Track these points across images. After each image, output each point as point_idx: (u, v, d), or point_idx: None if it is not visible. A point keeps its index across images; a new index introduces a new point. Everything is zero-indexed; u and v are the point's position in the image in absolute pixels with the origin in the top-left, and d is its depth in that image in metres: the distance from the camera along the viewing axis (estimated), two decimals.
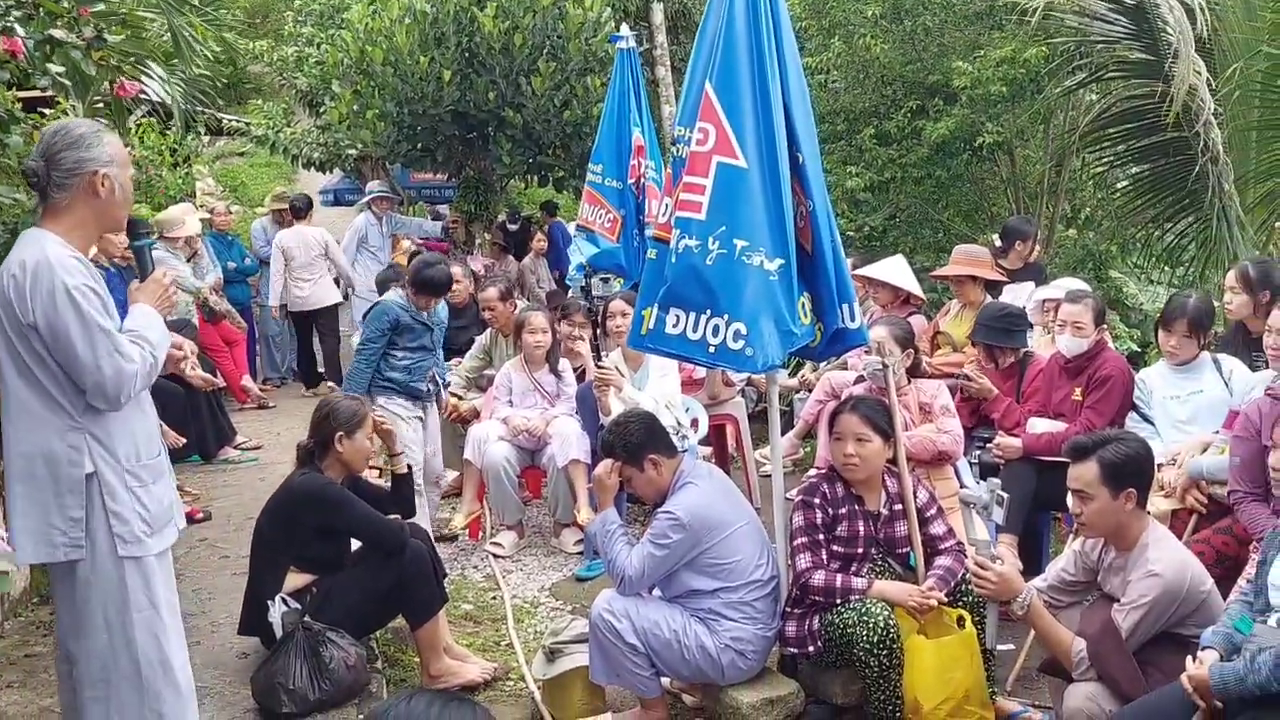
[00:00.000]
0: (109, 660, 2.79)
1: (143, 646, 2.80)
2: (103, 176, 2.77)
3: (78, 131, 2.79)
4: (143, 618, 2.80)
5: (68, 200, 2.77)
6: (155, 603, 2.83)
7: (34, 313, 2.62)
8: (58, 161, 2.75)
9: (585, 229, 7.02)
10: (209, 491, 6.47)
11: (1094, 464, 3.15)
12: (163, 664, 2.85)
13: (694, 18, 14.66)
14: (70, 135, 2.77)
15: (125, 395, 2.72)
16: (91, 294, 2.67)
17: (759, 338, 3.49)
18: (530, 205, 14.62)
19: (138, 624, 2.79)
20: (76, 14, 4.47)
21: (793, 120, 3.64)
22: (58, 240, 2.72)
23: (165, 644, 2.85)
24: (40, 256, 2.65)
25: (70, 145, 2.75)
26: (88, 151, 2.75)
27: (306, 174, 13.85)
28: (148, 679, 2.82)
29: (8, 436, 2.77)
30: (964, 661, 3.48)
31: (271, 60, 13.32)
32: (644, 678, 3.60)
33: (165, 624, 2.86)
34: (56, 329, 2.63)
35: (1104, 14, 7.23)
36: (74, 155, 2.74)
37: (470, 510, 5.86)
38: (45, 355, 2.66)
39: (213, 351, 8.24)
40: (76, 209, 2.78)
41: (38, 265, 2.64)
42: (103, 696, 2.80)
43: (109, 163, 2.78)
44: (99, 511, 2.72)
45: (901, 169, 9.28)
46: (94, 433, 2.72)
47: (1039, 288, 6.08)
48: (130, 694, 2.81)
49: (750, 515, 3.80)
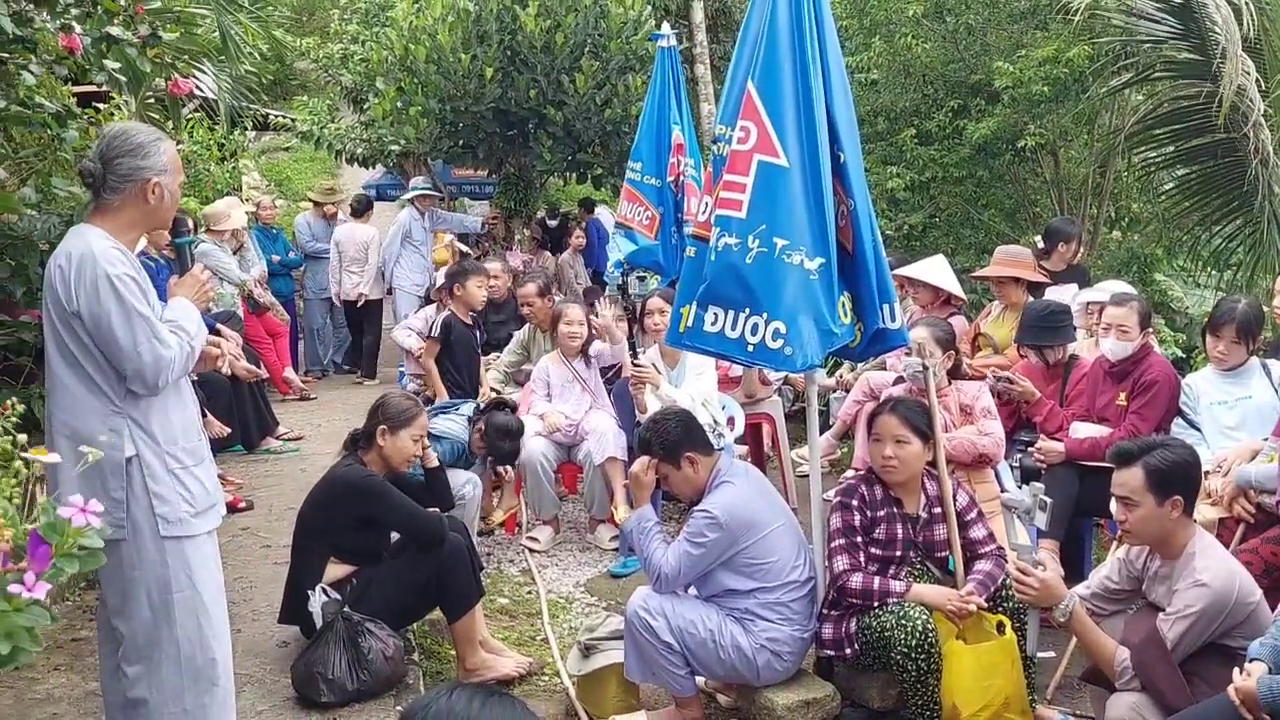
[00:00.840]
0: (152, 638, 2.84)
1: (184, 626, 2.86)
2: (154, 184, 2.85)
3: (137, 139, 2.86)
4: (183, 598, 2.85)
5: (119, 202, 2.86)
6: (196, 584, 2.87)
7: (78, 300, 2.71)
8: (114, 166, 2.83)
9: (624, 226, 7.02)
10: (251, 481, 6.54)
11: (1139, 470, 3.10)
12: (202, 644, 2.89)
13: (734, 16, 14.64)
14: (130, 142, 2.85)
15: (163, 380, 2.79)
16: (132, 283, 2.75)
17: (798, 337, 3.48)
18: (569, 202, 14.66)
19: (178, 604, 2.84)
20: (133, 12, 4.56)
21: (834, 119, 3.62)
22: (103, 234, 2.80)
23: (206, 626, 2.90)
24: (85, 249, 2.74)
25: (128, 152, 2.83)
26: (144, 160, 2.84)
27: (350, 169, 13.97)
28: (188, 658, 2.87)
29: (53, 419, 2.84)
30: (1004, 668, 3.44)
31: (317, 57, 13.47)
32: (679, 676, 3.60)
33: (207, 606, 2.90)
34: (98, 317, 2.71)
35: (1151, 13, 7.12)
36: (130, 162, 2.83)
37: (508, 505, 5.89)
38: (88, 342, 2.75)
39: (256, 343, 8.34)
40: (126, 211, 2.87)
41: (82, 256, 2.73)
42: (145, 673, 2.85)
43: (162, 171, 2.87)
44: (140, 493, 2.78)
45: (943, 169, 9.20)
46: (134, 417, 2.79)
47: (1082, 290, 6.01)
48: (171, 672, 2.86)
49: (787, 515, 3.79)
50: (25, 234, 5.10)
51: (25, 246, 5.08)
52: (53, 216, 5.16)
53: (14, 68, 4.56)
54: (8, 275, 5.15)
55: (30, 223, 5.15)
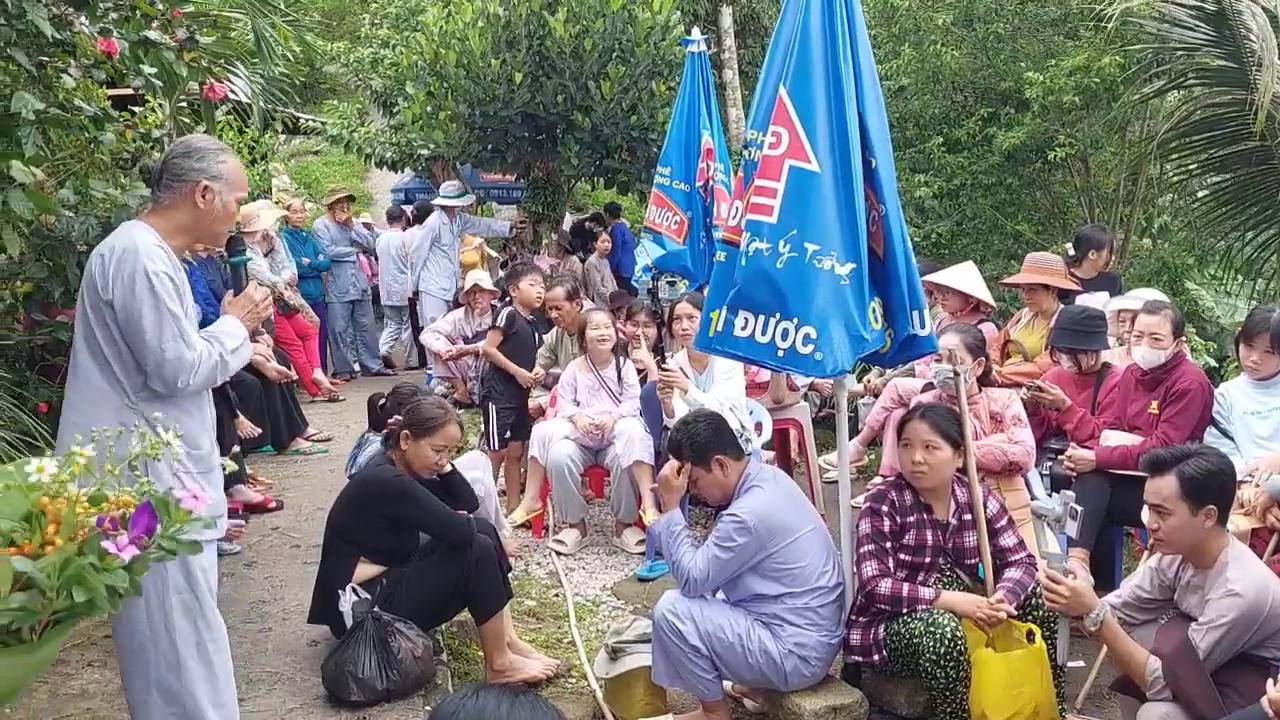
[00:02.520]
0: (147, 635, 2.87)
1: (180, 628, 2.89)
2: (205, 188, 2.91)
3: (198, 145, 2.96)
4: (180, 600, 2.89)
5: (170, 201, 2.92)
6: (194, 586, 2.91)
7: (113, 290, 2.76)
8: (170, 165, 2.92)
9: (652, 231, 7.04)
10: (281, 481, 6.60)
11: (1173, 478, 3.08)
12: (199, 645, 2.92)
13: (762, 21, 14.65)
14: (188, 146, 2.95)
15: (183, 381, 2.81)
16: (169, 281, 2.80)
17: (829, 342, 3.48)
18: (595, 206, 14.70)
19: (176, 606, 2.88)
20: (170, 16, 4.61)
21: (866, 124, 3.63)
22: (151, 231, 2.86)
23: (204, 630, 2.94)
24: (130, 242, 2.80)
25: (185, 154, 2.93)
26: (199, 163, 2.91)
27: (378, 173, 14.07)
28: (184, 658, 2.90)
29: (67, 410, 2.89)
30: (1034, 677, 3.42)
31: (348, 61, 13.57)
32: (706, 680, 3.60)
33: (203, 607, 2.94)
34: (130, 308, 2.76)
35: (1184, 20, 7.07)
36: (185, 163, 2.91)
37: (533, 507, 5.91)
38: (115, 333, 2.79)
39: (286, 345, 8.41)
40: (177, 212, 2.93)
41: (125, 249, 2.78)
42: (142, 669, 2.89)
43: (217, 178, 2.93)
44: None
45: (972, 176, 9.16)
46: (146, 415, 2.80)
47: (1114, 298, 5.97)
48: (167, 671, 2.89)
49: (816, 521, 3.78)
50: (63, 235, 5.17)
51: (63, 247, 5.15)
52: (90, 218, 5.22)
53: (53, 71, 4.63)
54: (45, 276, 5.23)
55: (68, 224, 5.22)
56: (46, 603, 1.73)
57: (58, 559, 1.74)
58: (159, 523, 1.88)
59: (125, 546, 1.80)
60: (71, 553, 1.76)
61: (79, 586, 1.75)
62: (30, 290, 5.29)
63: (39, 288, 5.27)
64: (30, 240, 5.12)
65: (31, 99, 4.20)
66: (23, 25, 4.18)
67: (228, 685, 3.04)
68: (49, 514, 1.80)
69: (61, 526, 1.78)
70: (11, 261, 5.09)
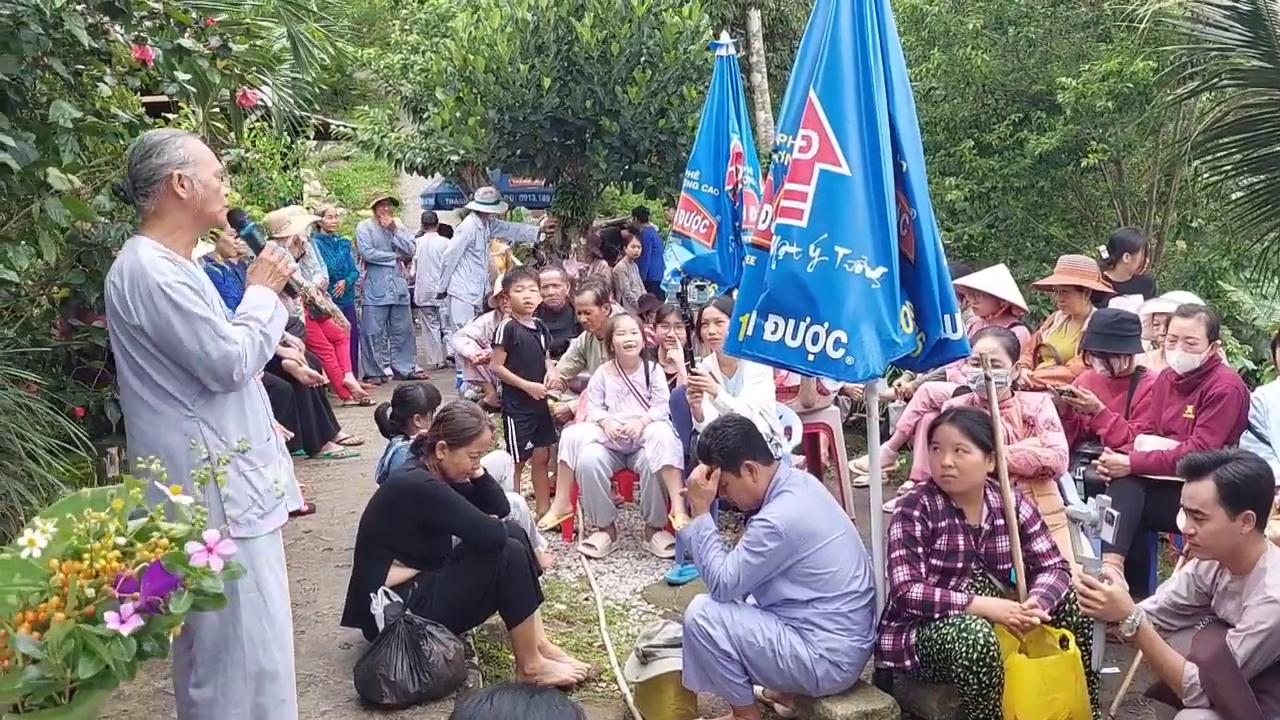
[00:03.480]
0: (218, 639, 2.90)
1: (248, 628, 2.91)
2: (179, 177, 2.86)
3: (150, 141, 2.91)
4: (249, 599, 2.90)
5: (155, 205, 2.89)
6: (261, 586, 2.93)
7: (137, 314, 2.76)
8: (137, 173, 2.88)
9: (681, 235, 7.03)
10: (313, 485, 6.64)
11: (1211, 483, 3.05)
12: (264, 646, 2.94)
13: (791, 24, 14.62)
14: (144, 146, 2.90)
15: (238, 374, 2.83)
16: (184, 288, 2.79)
17: (860, 346, 3.47)
18: (623, 211, 14.72)
19: (244, 606, 2.89)
20: (203, 24, 4.66)
21: (897, 127, 3.61)
22: (151, 243, 2.84)
23: (269, 627, 2.95)
24: (135, 263, 2.78)
25: (145, 155, 2.87)
26: (160, 157, 2.86)
27: (409, 178, 14.16)
28: (251, 658, 2.92)
29: (131, 430, 2.91)
30: (1068, 683, 3.39)
31: (378, 67, 13.67)
32: (737, 685, 3.59)
33: (269, 608, 2.95)
34: (160, 326, 2.75)
35: (1219, 21, 6.99)
36: (149, 164, 2.86)
37: (562, 511, 5.93)
38: (155, 352, 2.79)
39: (318, 349, 8.47)
40: (166, 213, 2.90)
41: (133, 270, 2.77)
42: (210, 674, 2.91)
43: (184, 163, 2.87)
44: (212, 495, 2.81)
45: (1003, 179, 9.09)
46: (207, 420, 2.84)
47: (1148, 301, 5.91)
48: (235, 673, 2.91)
49: (847, 525, 3.77)
50: (100, 241, 5.24)
51: (99, 253, 5.22)
52: (126, 224, 5.29)
53: (89, 79, 4.69)
54: (82, 281, 5.30)
55: (104, 230, 5.29)
56: (59, 673, 1.72)
57: (61, 632, 1.72)
58: (177, 579, 1.84)
59: (130, 617, 1.76)
60: (72, 626, 1.73)
61: (87, 658, 1.73)
62: (67, 296, 5.37)
63: (75, 293, 5.34)
64: (66, 246, 5.19)
65: (69, 107, 4.26)
66: (60, 35, 4.24)
67: (288, 683, 3.06)
68: (62, 580, 1.77)
69: (66, 596, 1.76)
70: (48, 267, 5.15)
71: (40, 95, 4.51)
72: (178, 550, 1.88)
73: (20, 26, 4.14)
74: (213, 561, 1.88)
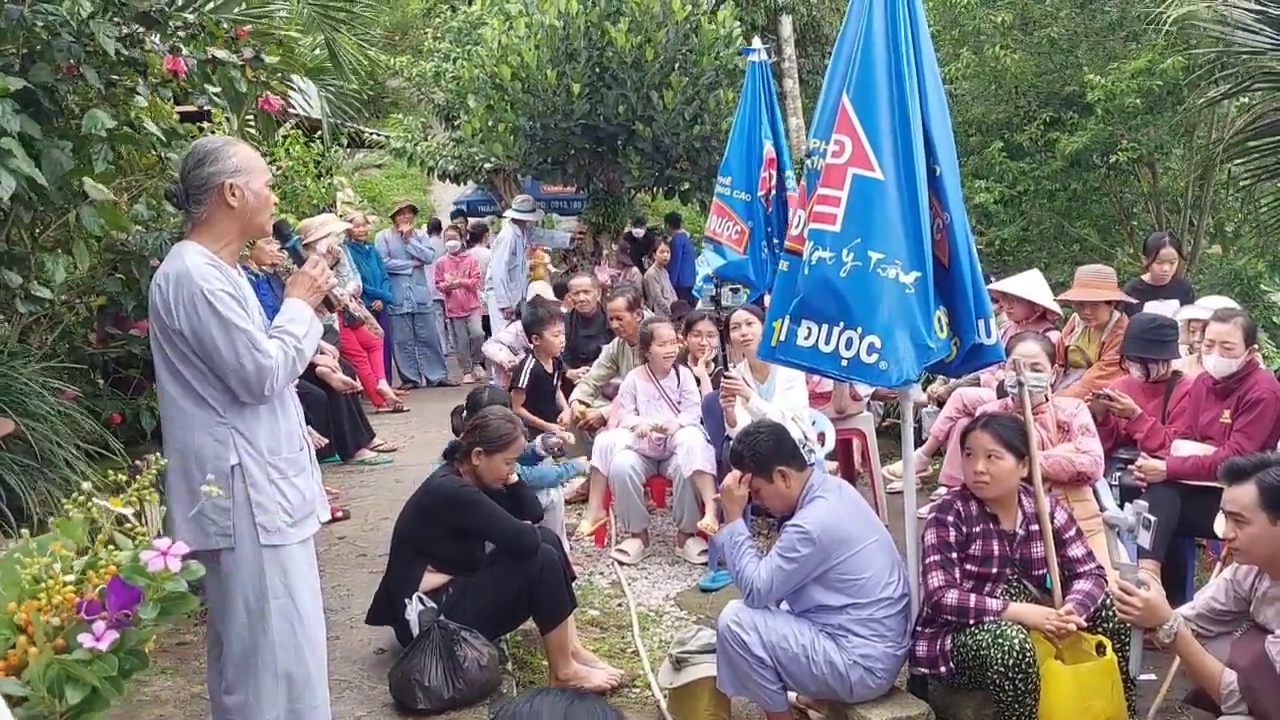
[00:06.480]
0: (249, 645, 2.92)
1: (279, 633, 2.92)
2: (231, 185, 2.89)
3: (205, 149, 2.94)
4: (279, 605, 2.92)
5: (206, 213, 2.92)
6: (292, 592, 2.94)
7: (178, 319, 2.79)
8: (190, 180, 2.91)
9: (713, 240, 7.03)
10: (347, 491, 6.69)
11: (1253, 487, 3.01)
12: (296, 651, 2.96)
13: (822, 29, 14.58)
14: (198, 153, 2.93)
15: (269, 388, 2.85)
16: (227, 297, 2.81)
17: (894, 351, 3.45)
18: (655, 217, 14.74)
19: (274, 611, 2.91)
20: (234, 35, 4.71)
21: (930, 131, 3.59)
22: (199, 249, 2.87)
23: (300, 632, 2.97)
24: (181, 267, 2.81)
25: (198, 163, 2.91)
26: (214, 165, 2.89)
27: (440, 186, 14.24)
28: (282, 665, 2.94)
29: (165, 433, 2.94)
30: (1105, 690, 3.36)
31: (410, 75, 13.78)
32: (771, 691, 3.58)
33: (301, 614, 2.97)
34: (199, 332, 2.78)
35: (1248, 24, 6.91)
36: (203, 171, 2.89)
37: (596, 517, 5.93)
38: (192, 357, 2.82)
39: (352, 356, 8.53)
40: (216, 220, 2.93)
41: (179, 275, 2.80)
42: (241, 679, 2.94)
43: (236, 172, 2.91)
44: (242, 501, 2.85)
45: (1034, 182, 9.03)
46: (238, 428, 2.87)
47: (1184, 306, 5.85)
48: (267, 678, 2.93)
49: (881, 531, 3.75)
50: (136, 250, 5.31)
51: (136, 262, 5.30)
52: (163, 233, 5.36)
53: (122, 90, 4.75)
54: (119, 289, 5.37)
55: (140, 239, 5.36)
56: (49, 707, 1.73)
57: (40, 666, 1.73)
58: (139, 591, 1.85)
59: (104, 634, 1.78)
60: (50, 658, 1.74)
61: (72, 685, 1.74)
62: (104, 304, 5.45)
63: (112, 301, 5.42)
64: (103, 255, 5.27)
65: (103, 116, 4.32)
66: (92, 46, 4.30)
67: (321, 687, 3.07)
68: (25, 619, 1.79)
69: (34, 631, 1.77)
70: (86, 276, 5.23)
71: (74, 105, 4.58)
72: (132, 563, 1.89)
73: (54, 36, 4.20)
74: (170, 563, 1.90)
